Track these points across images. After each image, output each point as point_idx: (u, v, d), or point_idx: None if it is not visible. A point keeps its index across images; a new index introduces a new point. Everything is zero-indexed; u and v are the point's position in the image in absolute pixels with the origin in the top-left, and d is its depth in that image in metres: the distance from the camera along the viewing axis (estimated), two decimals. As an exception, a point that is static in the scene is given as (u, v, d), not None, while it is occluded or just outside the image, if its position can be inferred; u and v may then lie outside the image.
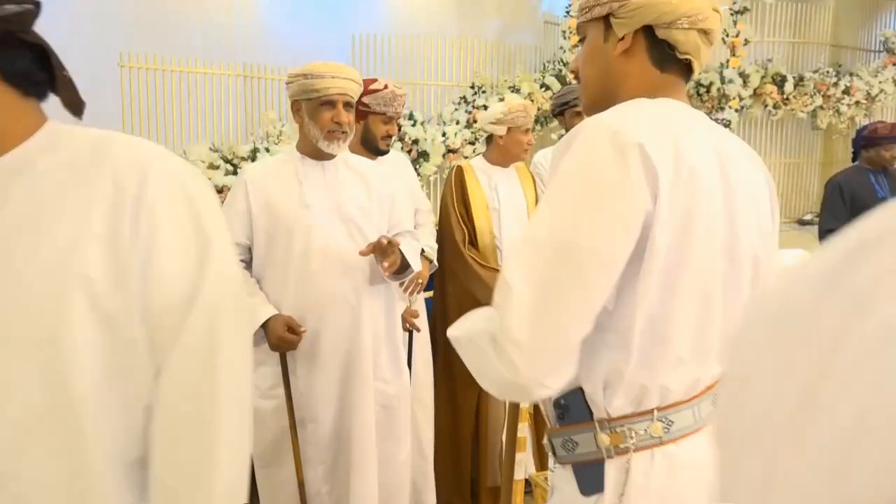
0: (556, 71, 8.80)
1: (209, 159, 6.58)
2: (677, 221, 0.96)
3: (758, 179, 1.13)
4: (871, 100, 9.86)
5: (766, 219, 1.13)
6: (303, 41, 7.99)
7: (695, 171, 0.96)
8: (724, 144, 1.09)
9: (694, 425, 1.01)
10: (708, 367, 1.03)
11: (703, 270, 0.99)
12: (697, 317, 1.00)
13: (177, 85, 7.07)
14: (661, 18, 1.04)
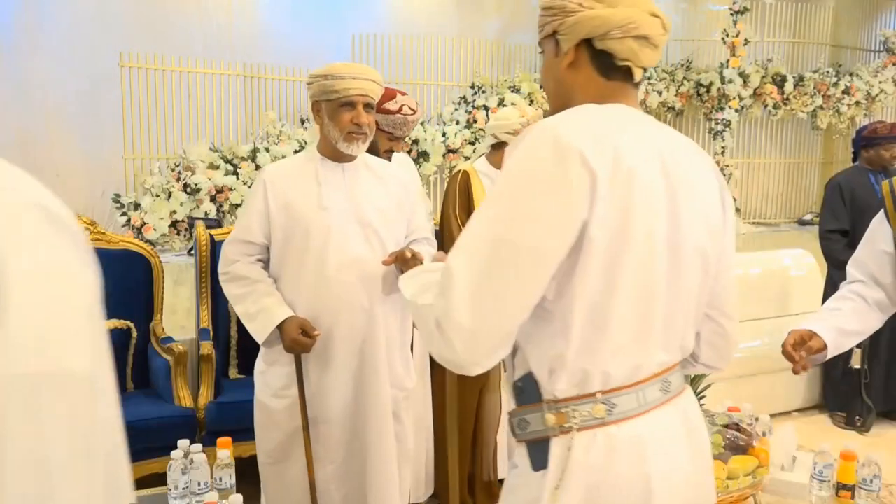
0: (556, 71, 8.79)
1: (209, 159, 6.58)
2: (615, 220, 1.03)
3: (706, 177, 1.19)
4: (871, 100, 9.86)
5: (715, 215, 1.18)
6: (303, 41, 7.99)
7: (633, 173, 1.03)
8: (669, 145, 1.14)
9: (638, 409, 1.08)
10: (651, 356, 1.10)
11: (644, 265, 1.06)
12: (638, 308, 1.07)
13: (177, 85, 7.05)
14: (595, 32, 1.13)
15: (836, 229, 3.89)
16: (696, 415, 1.21)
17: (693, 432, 1.17)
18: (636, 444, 1.08)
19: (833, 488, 2.00)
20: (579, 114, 1.11)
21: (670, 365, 1.15)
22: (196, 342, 3.03)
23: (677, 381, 1.18)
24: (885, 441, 3.70)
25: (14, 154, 6.92)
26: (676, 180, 1.10)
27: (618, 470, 1.07)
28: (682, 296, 1.11)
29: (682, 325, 1.15)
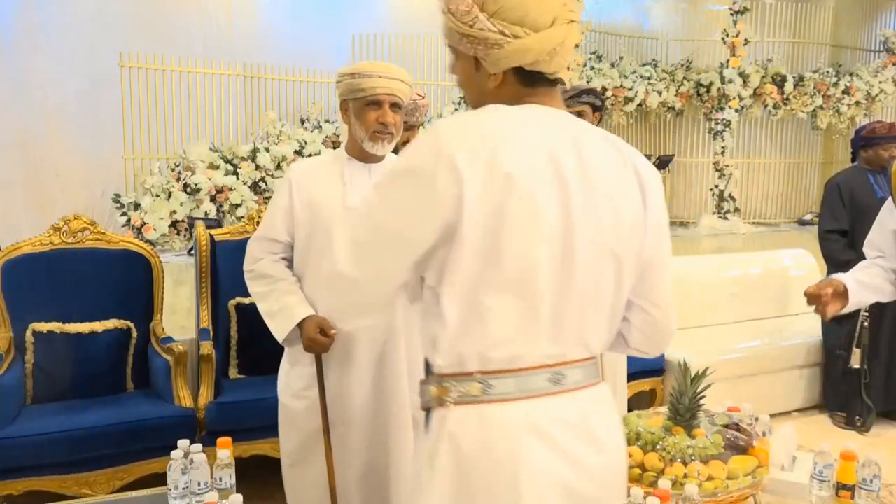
0: (556, 71, 8.79)
1: (209, 159, 6.58)
2: (489, 222, 1.09)
3: (620, 177, 1.20)
4: (871, 100, 9.86)
5: (630, 213, 1.20)
6: (303, 41, 7.99)
7: (511, 179, 1.09)
8: (576, 145, 1.17)
9: (517, 393, 1.14)
10: (535, 347, 1.14)
11: (522, 264, 1.11)
12: (518, 303, 1.12)
13: (177, 85, 7.06)
14: (524, 60, 1.16)
15: (835, 229, 3.89)
16: (600, 414, 1.22)
17: (592, 433, 1.19)
18: (509, 426, 1.13)
19: (833, 488, 2.00)
20: (477, 116, 1.17)
21: (567, 360, 1.18)
22: (196, 342, 3.03)
23: (577, 376, 1.20)
24: (885, 441, 3.70)
25: (14, 154, 6.93)
26: (574, 182, 1.13)
27: (488, 448, 1.13)
28: (578, 293, 1.15)
29: (578, 321, 1.17)
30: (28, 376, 2.83)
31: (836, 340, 3.91)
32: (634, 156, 1.26)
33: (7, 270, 2.87)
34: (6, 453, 2.45)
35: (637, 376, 3.65)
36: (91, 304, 2.95)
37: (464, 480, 1.14)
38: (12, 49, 6.62)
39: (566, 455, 1.15)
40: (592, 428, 1.19)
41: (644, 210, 1.22)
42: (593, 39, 9.45)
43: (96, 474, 2.61)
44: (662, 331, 1.31)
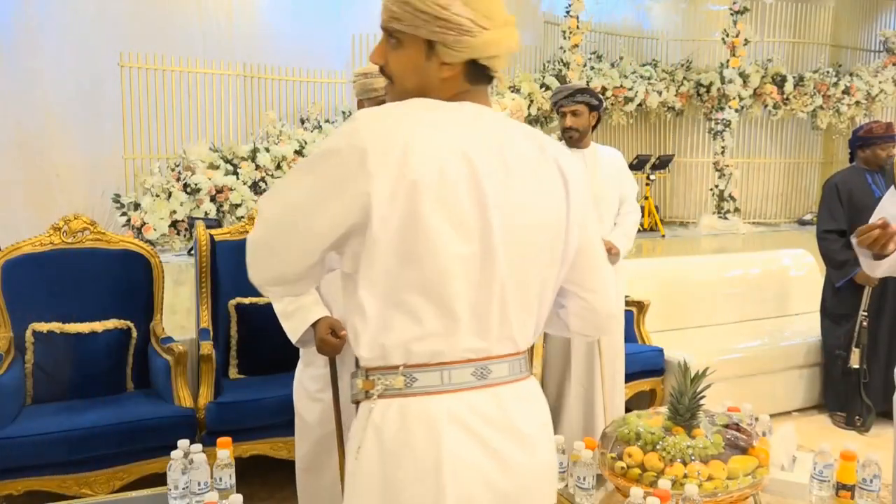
0: (556, 71, 8.79)
1: (209, 159, 6.58)
2: (400, 222, 1.11)
3: (543, 176, 1.22)
4: (871, 100, 9.86)
5: (551, 207, 1.22)
6: (303, 41, 7.99)
7: (418, 183, 1.10)
8: (496, 142, 1.19)
9: (441, 387, 1.15)
10: (456, 342, 1.15)
11: (438, 267, 1.12)
12: (438, 302, 1.13)
13: (177, 85, 7.06)
14: (485, 52, 1.18)
15: (833, 229, 3.89)
16: (525, 411, 1.23)
17: (514, 427, 1.19)
18: (430, 418, 1.14)
19: (833, 488, 2.00)
20: (399, 115, 1.18)
21: (492, 354, 1.19)
22: (196, 342, 3.03)
23: (503, 371, 1.21)
24: (885, 441, 3.70)
25: (14, 154, 6.93)
26: (491, 181, 1.15)
27: (410, 440, 1.14)
28: (501, 290, 1.16)
29: (502, 317, 1.18)
30: (28, 376, 2.83)
31: (835, 340, 3.92)
32: (556, 151, 1.26)
33: (7, 270, 2.87)
34: (6, 453, 2.45)
35: (637, 376, 3.65)
36: (91, 304, 2.95)
37: (388, 472, 1.16)
38: (12, 49, 6.62)
39: (488, 449, 1.16)
40: (516, 424, 1.20)
41: (567, 204, 1.24)
42: (593, 39, 9.45)
43: (96, 474, 2.61)
44: (600, 314, 1.33)
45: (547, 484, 1.29)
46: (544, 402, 1.30)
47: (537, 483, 1.25)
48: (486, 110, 1.24)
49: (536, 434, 1.23)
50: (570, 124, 3.01)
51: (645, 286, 4.10)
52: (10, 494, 2.50)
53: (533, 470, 1.23)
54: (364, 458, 1.18)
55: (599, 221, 3.07)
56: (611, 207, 3.10)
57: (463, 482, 1.15)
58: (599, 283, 1.32)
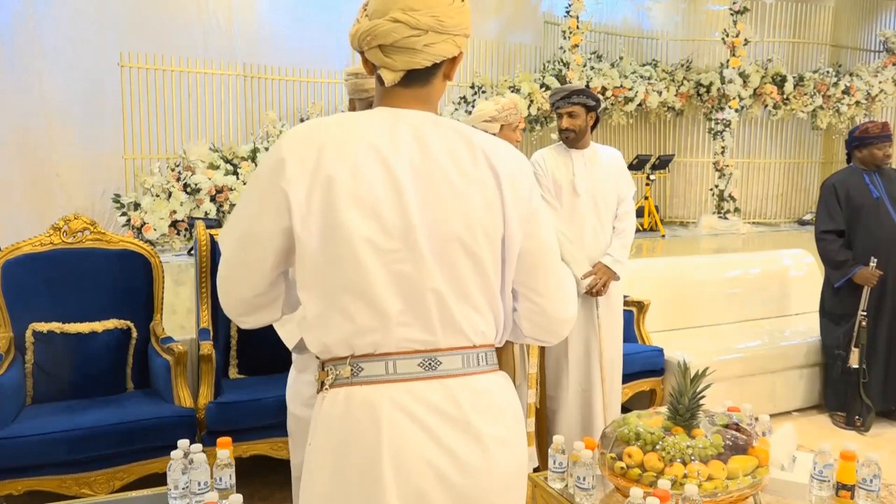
0: (556, 71, 8.80)
1: (209, 159, 6.58)
2: (320, 220, 1.16)
3: (469, 172, 1.23)
4: (871, 100, 9.86)
5: (477, 206, 1.22)
6: (303, 41, 7.99)
7: (334, 181, 1.15)
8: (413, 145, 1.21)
9: (386, 376, 1.19)
10: (391, 334, 1.18)
11: (357, 263, 1.16)
12: (366, 299, 1.17)
13: (177, 85, 7.05)
14: (356, 45, 1.24)
15: (831, 230, 3.89)
16: (482, 405, 1.22)
17: (465, 419, 1.19)
18: (373, 405, 1.17)
19: (833, 488, 2.00)
20: (319, 123, 1.24)
21: (440, 347, 1.21)
22: (196, 342, 3.03)
23: (455, 363, 1.22)
24: (885, 441, 3.70)
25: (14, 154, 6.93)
26: (408, 178, 1.18)
27: (354, 427, 1.18)
28: (432, 283, 1.19)
29: (441, 309, 1.20)
30: (28, 376, 2.83)
31: (834, 340, 3.92)
32: (490, 148, 1.26)
33: (7, 270, 2.87)
34: (6, 453, 2.45)
35: (637, 376, 3.65)
36: (91, 304, 2.95)
37: (337, 462, 1.19)
38: (13, 49, 6.62)
39: (435, 439, 1.17)
40: (469, 417, 1.20)
41: (499, 195, 1.24)
42: (593, 39, 9.45)
43: (96, 474, 2.61)
44: (550, 319, 1.33)
45: (512, 490, 1.26)
46: (510, 399, 1.29)
47: (499, 487, 1.22)
48: (408, 112, 1.25)
49: (494, 431, 1.22)
50: (567, 125, 3.02)
51: (645, 286, 4.11)
52: (10, 494, 2.50)
53: (492, 470, 1.21)
54: (315, 447, 1.23)
55: (598, 220, 3.08)
56: (609, 207, 3.10)
57: (407, 467, 1.15)
58: (550, 287, 1.32)
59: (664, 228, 8.87)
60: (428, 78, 1.25)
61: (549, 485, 2.11)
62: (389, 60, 1.21)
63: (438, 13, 1.19)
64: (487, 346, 1.28)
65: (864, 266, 3.73)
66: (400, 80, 1.23)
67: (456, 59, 1.28)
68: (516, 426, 1.28)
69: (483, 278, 1.24)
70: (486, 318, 1.26)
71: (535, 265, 1.29)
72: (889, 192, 3.85)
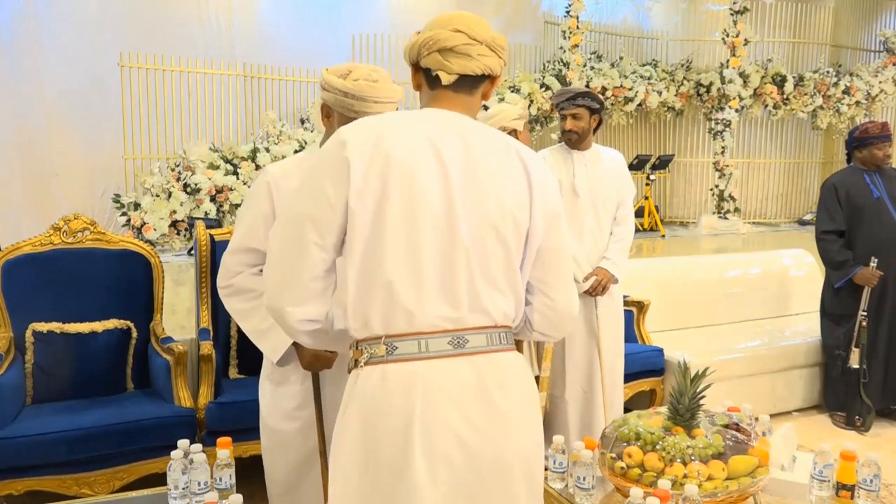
0: (556, 71, 8.80)
1: (209, 159, 6.58)
2: (374, 194, 1.27)
3: (504, 165, 1.36)
4: (872, 100, 9.86)
5: (513, 198, 1.34)
6: (303, 41, 7.99)
7: (390, 156, 1.27)
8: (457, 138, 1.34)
9: (419, 354, 1.28)
10: (426, 309, 1.28)
11: (404, 232, 1.27)
12: (406, 269, 1.27)
13: (177, 85, 7.05)
14: (413, 56, 1.41)
15: (831, 230, 3.89)
16: (503, 380, 1.32)
17: (488, 393, 1.29)
18: (406, 379, 1.27)
19: (833, 488, 2.00)
20: (377, 116, 1.40)
21: (467, 325, 1.31)
22: (196, 342, 3.03)
23: (480, 341, 1.32)
24: (885, 441, 3.70)
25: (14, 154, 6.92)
26: (454, 164, 1.31)
27: (387, 399, 1.28)
28: (465, 263, 1.29)
29: (470, 289, 1.30)
30: (28, 376, 2.83)
31: (834, 340, 3.92)
32: (523, 150, 1.41)
33: (7, 270, 2.87)
34: (6, 453, 2.45)
35: (637, 376, 3.65)
36: (91, 304, 2.95)
37: (368, 430, 1.29)
38: (13, 48, 6.62)
39: (462, 411, 1.27)
40: (490, 392, 1.30)
41: (529, 192, 1.37)
42: (593, 39, 9.45)
43: (96, 474, 2.61)
44: (561, 314, 1.44)
45: (531, 460, 1.36)
46: (527, 378, 1.40)
47: (517, 456, 1.32)
48: (452, 114, 1.39)
49: (512, 407, 1.33)
50: (571, 127, 3.02)
51: (645, 286, 4.11)
52: (10, 494, 2.51)
53: (511, 440, 1.31)
54: (349, 417, 1.33)
55: (596, 221, 3.08)
56: (609, 209, 3.10)
57: (435, 441, 1.26)
58: (563, 285, 1.43)
59: (664, 228, 8.87)
60: (474, 87, 1.41)
61: (549, 485, 2.11)
62: (448, 63, 1.37)
63: (490, 34, 1.39)
64: (507, 328, 1.38)
65: (864, 266, 3.73)
66: (452, 83, 1.38)
67: (495, 81, 1.44)
68: (532, 400, 1.39)
69: (509, 263, 1.35)
70: (508, 300, 1.36)
71: (552, 263, 1.41)
72: (889, 191, 3.85)
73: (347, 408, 1.34)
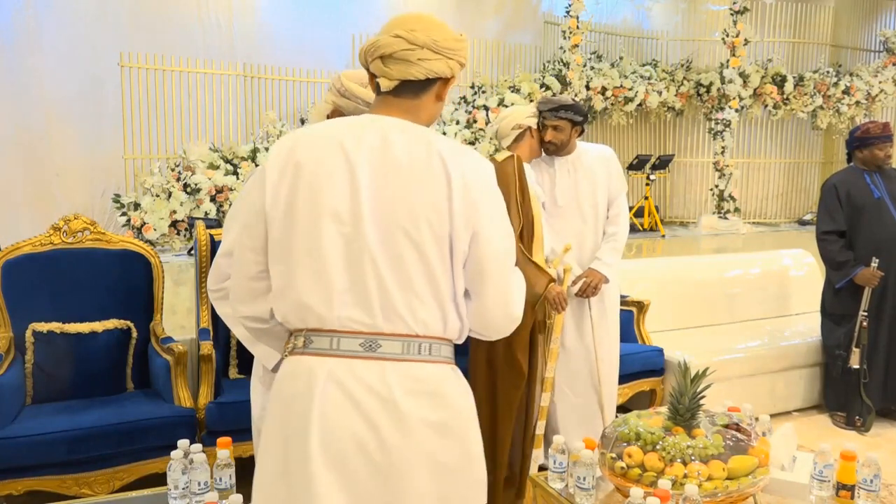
0: (556, 71, 8.80)
1: (209, 159, 6.58)
2: (284, 202, 1.33)
3: (422, 171, 1.32)
4: (872, 100, 9.86)
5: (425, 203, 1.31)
6: (303, 41, 7.99)
7: (301, 165, 1.32)
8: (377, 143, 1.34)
9: (330, 350, 1.31)
10: (333, 311, 1.30)
11: (311, 237, 1.31)
12: (314, 271, 1.30)
13: (177, 85, 7.05)
14: (362, 62, 1.43)
15: (832, 230, 3.88)
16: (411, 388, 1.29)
17: (394, 402, 1.27)
18: (313, 373, 1.30)
19: (833, 488, 2.00)
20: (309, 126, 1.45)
21: (382, 331, 1.30)
22: (196, 342, 3.03)
23: (395, 348, 1.31)
24: (885, 441, 3.70)
25: (14, 154, 6.92)
26: (365, 170, 1.31)
27: (294, 391, 1.32)
28: (375, 268, 1.29)
29: (383, 295, 1.29)
30: (28, 376, 2.83)
31: (834, 340, 3.91)
32: (449, 152, 1.35)
33: (7, 270, 2.87)
34: (6, 453, 2.45)
35: (637, 376, 3.65)
36: (91, 304, 2.95)
37: (280, 420, 1.34)
38: (13, 48, 6.62)
39: (363, 414, 1.27)
40: (397, 400, 1.28)
41: (448, 196, 1.32)
42: (593, 39, 9.45)
43: (96, 474, 2.61)
44: (492, 317, 1.40)
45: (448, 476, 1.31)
46: (457, 391, 1.36)
47: (422, 470, 1.28)
48: (383, 118, 1.38)
49: (428, 415, 1.29)
50: (550, 138, 2.98)
51: (645, 286, 4.11)
52: (10, 494, 2.50)
53: (414, 453, 1.28)
54: (270, 406, 1.39)
55: (584, 226, 3.06)
56: (598, 210, 3.07)
57: (334, 439, 1.26)
58: (495, 290, 1.37)
59: (664, 228, 8.87)
60: (419, 92, 1.39)
61: (549, 485, 2.11)
62: (388, 70, 1.36)
63: (435, 36, 1.37)
64: (435, 338, 1.34)
65: (865, 267, 3.73)
66: (394, 88, 1.38)
67: (448, 82, 1.42)
68: (460, 417, 1.35)
69: (428, 270, 1.31)
70: (429, 309, 1.32)
71: (481, 271, 1.36)
72: (890, 192, 3.85)
73: (271, 397, 1.41)
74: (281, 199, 1.33)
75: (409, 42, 1.35)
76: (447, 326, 1.36)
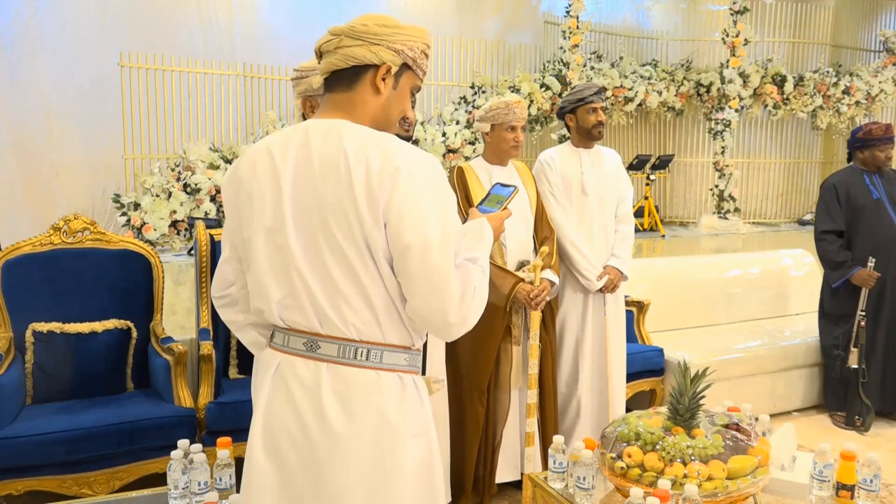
0: (556, 71, 8.80)
1: (209, 159, 6.58)
2: (232, 214, 1.41)
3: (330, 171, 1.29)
4: (871, 100, 9.86)
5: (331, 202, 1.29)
6: (303, 41, 7.99)
7: (240, 178, 1.38)
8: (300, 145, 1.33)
9: (282, 346, 1.37)
10: (272, 314, 1.35)
11: (247, 246, 1.37)
12: (256, 277, 1.36)
13: (177, 85, 7.06)
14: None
15: (831, 230, 3.88)
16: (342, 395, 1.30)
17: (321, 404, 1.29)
18: (267, 367, 1.38)
19: (833, 488, 2.00)
20: None
21: (319, 332, 1.32)
22: (196, 342, 3.03)
23: (331, 350, 1.31)
24: (885, 441, 3.70)
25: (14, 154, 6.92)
26: (288, 173, 1.32)
27: (256, 380, 1.46)
28: (301, 272, 1.30)
29: (312, 298, 1.30)
30: (28, 376, 2.83)
31: (833, 341, 3.91)
32: (356, 150, 1.28)
33: (7, 270, 2.87)
34: (6, 453, 2.45)
35: (637, 376, 3.65)
36: (91, 304, 2.95)
37: (253, 404, 1.43)
38: (12, 49, 6.62)
39: (296, 410, 1.31)
40: (324, 402, 1.30)
41: (353, 197, 1.26)
42: (593, 39, 9.45)
43: (96, 474, 2.61)
44: (427, 319, 1.30)
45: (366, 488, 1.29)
46: (385, 401, 1.31)
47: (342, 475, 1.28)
48: (315, 122, 1.35)
49: (343, 423, 1.28)
50: (602, 119, 3.07)
51: (645, 286, 4.11)
52: (10, 494, 2.50)
53: (335, 457, 1.28)
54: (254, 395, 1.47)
55: (603, 219, 3.11)
56: (612, 207, 3.15)
57: (272, 430, 1.33)
58: (423, 289, 1.26)
59: (664, 228, 8.87)
60: (349, 83, 1.36)
61: (549, 485, 2.11)
62: (321, 66, 1.39)
63: (356, 23, 1.37)
64: (375, 344, 1.31)
65: (862, 267, 3.73)
66: (328, 84, 1.39)
67: (379, 70, 1.36)
68: (381, 430, 1.30)
69: (351, 273, 1.29)
70: (359, 315, 1.30)
71: (402, 270, 1.27)
72: (889, 193, 3.85)
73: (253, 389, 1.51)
74: (233, 215, 1.41)
75: (332, 34, 1.38)
76: (384, 332, 1.31)
